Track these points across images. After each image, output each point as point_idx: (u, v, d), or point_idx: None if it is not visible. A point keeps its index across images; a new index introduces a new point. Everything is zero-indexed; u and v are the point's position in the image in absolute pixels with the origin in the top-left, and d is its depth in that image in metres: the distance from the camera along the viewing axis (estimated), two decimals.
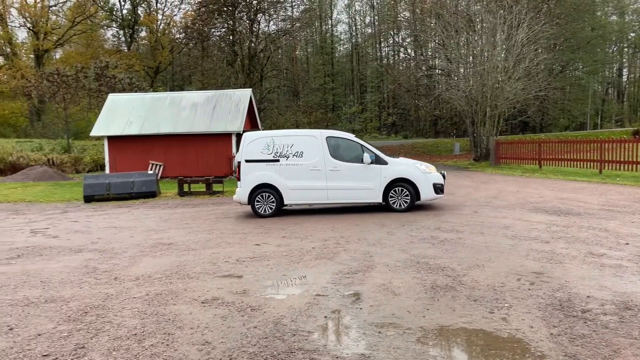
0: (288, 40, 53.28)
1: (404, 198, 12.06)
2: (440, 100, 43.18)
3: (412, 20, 51.73)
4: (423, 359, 4.16)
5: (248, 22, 46.54)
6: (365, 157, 12.00)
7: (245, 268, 7.25)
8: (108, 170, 24.89)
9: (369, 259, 7.47)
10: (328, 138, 12.27)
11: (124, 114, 25.71)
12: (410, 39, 54.18)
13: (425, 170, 12.29)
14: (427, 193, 12.11)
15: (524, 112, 36.55)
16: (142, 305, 5.71)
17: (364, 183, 12.07)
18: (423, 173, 12.17)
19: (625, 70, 64.40)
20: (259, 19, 47.87)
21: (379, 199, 12.15)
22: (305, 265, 7.28)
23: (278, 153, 12.15)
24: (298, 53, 66.06)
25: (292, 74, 60.75)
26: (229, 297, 5.91)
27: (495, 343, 4.45)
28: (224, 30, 47.72)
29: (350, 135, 12.75)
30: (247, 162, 12.21)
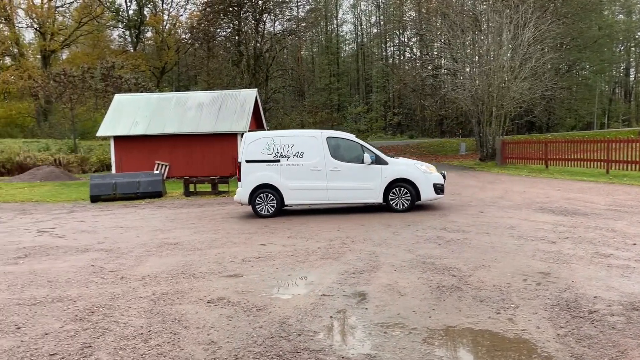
0: (293, 40, 53.31)
1: (405, 198, 12.06)
2: (446, 100, 43.08)
3: (417, 20, 51.65)
4: None
5: (253, 22, 46.58)
6: (366, 157, 12.00)
7: (251, 268, 7.26)
8: (114, 170, 24.97)
9: (375, 259, 7.46)
10: (328, 138, 12.28)
11: (130, 114, 25.81)
12: (416, 39, 54.15)
13: (426, 171, 12.28)
14: (427, 193, 12.11)
15: (531, 111, 36.38)
16: (148, 305, 5.73)
17: (365, 183, 12.07)
18: (423, 173, 12.17)
19: (633, 70, 64.01)
20: (265, 19, 47.90)
21: (380, 199, 12.15)
22: (311, 265, 7.28)
23: (278, 153, 12.16)
24: (303, 53, 66.08)
25: (297, 74, 60.74)
26: (235, 296, 5.92)
27: (502, 344, 4.43)
28: (230, 31, 47.81)
29: (351, 136, 12.76)
30: (247, 162, 12.24)
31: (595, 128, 52.30)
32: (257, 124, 28.05)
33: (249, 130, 22.56)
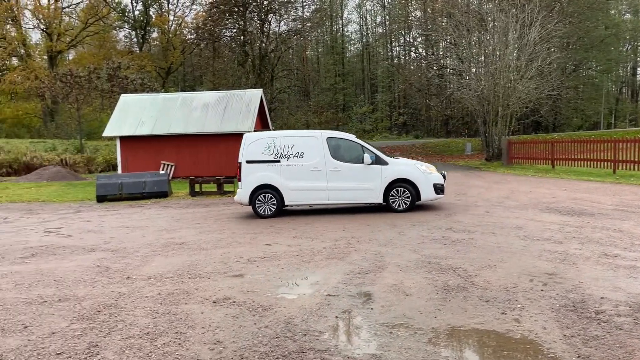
0: (299, 40, 53.38)
1: (405, 198, 12.05)
2: (452, 100, 42.96)
3: (423, 20, 51.60)
4: None
5: (259, 22, 46.69)
6: (366, 157, 12.00)
7: (257, 268, 7.26)
8: (120, 170, 25.08)
9: (380, 259, 7.45)
10: (328, 139, 12.28)
11: (136, 115, 25.90)
12: (422, 39, 54.08)
13: (426, 171, 12.27)
14: (427, 193, 12.10)
15: (537, 111, 36.22)
16: (154, 305, 5.74)
17: (365, 183, 12.07)
18: (423, 173, 12.16)
19: None
20: (270, 19, 48.02)
21: (380, 200, 12.15)
22: (316, 265, 7.28)
23: (279, 154, 12.18)
24: (309, 53, 66.11)
25: (302, 74, 60.81)
26: (240, 296, 5.92)
27: (508, 344, 4.41)
28: (235, 31, 47.94)
29: (351, 136, 12.76)
30: (247, 163, 12.26)
31: (602, 128, 52.02)
32: (262, 124, 28.08)
33: (255, 130, 22.62)
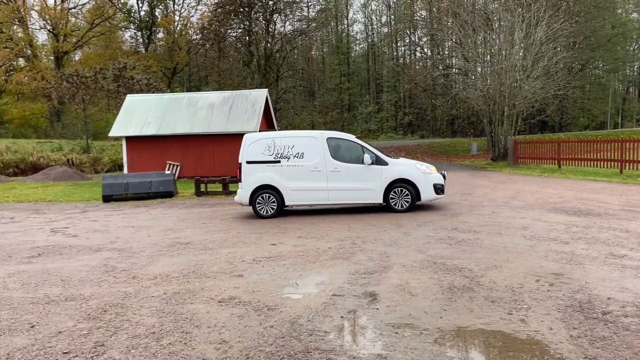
0: (304, 41, 53.38)
1: (405, 199, 12.04)
2: (457, 100, 42.84)
3: (428, 19, 51.50)
4: None
5: (264, 22, 46.75)
6: (366, 157, 12.00)
7: (262, 267, 7.27)
8: (126, 170, 25.17)
9: (386, 259, 7.44)
10: (329, 139, 12.28)
11: (142, 115, 25.98)
12: (427, 38, 53.96)
13: (426, 171, 12.26)
14: (427, 193, 12.09)
15: (543, 111, 36.08)
16: (160, 304, 5.76)
17: (365, 184, 12.07)
18: (423, 173, 12.15)
19: None
20: (275, 20, 48.06)
21: (380, 200, 12.14)
22: (322, 265, 7.28)
23: (279, 154, 12.20)
24: (314, 53, 66.10)
25: (308, 74, 60.81)
26: (246, 296, 5.93)
27: (514, 345, 4.40)
28: (240, 31, 48.02)
29: (351, 136, 12.76)
30: (248, 163, 12.29)
31: (609, 127, 51.74)
32: (267, 124, 28.10)
33: (260, 130, 22.65)
